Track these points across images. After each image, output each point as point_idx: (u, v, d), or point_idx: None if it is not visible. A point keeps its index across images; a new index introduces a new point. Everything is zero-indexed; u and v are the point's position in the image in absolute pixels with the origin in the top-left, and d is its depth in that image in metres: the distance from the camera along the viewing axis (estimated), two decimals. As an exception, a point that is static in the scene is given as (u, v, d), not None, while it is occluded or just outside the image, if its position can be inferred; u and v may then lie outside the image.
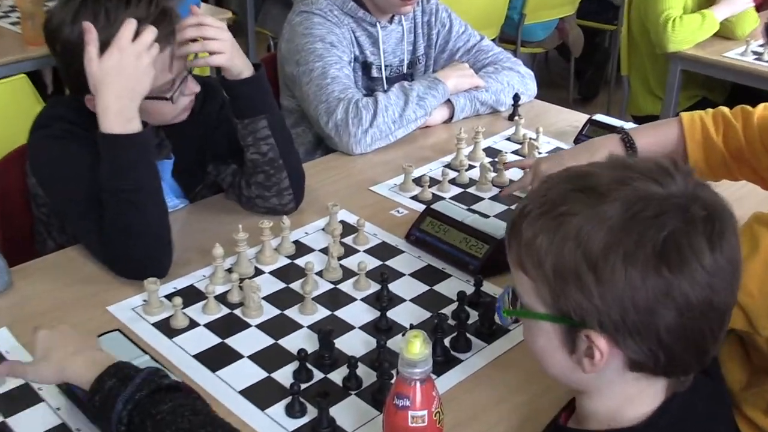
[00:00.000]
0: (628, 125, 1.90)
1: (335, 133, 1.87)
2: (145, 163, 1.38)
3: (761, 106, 1.42)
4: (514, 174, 1.81)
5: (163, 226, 1.41)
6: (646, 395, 0.86)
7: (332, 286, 1.41)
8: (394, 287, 1.40)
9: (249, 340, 1.28)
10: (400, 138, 1.94)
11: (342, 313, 1.34)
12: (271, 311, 1.34)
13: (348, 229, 1.57)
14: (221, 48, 1.43)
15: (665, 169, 0.81)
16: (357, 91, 1.93)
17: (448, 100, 2.04)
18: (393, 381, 1.01)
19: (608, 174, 0.82)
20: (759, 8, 3.10)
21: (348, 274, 1.44)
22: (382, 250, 1.52)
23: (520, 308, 0.88)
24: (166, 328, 1.30)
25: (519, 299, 0.88)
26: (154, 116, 1.47)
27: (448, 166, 1.84)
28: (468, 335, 1.26)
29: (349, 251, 1.52)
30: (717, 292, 0.79)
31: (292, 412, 1.12)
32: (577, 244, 0.79)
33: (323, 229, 1.59)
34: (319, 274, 1.44)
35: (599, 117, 1.97)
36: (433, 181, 1.76)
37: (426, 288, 1.41)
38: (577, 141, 1.94)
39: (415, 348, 0.93)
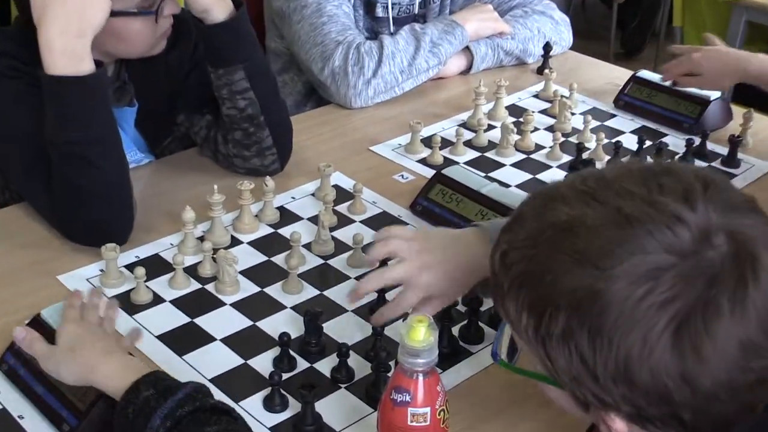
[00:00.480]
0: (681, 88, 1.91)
1: (331, 82, 1.88)
2: (99, 111, 1.37)
3: None
4: (540, 138, 1.82)
5: (122, 184, 1.42)
6: None
7: (322, 261, 1.42)
8: (395, 265, 1.41)
9: (223, 321, 1.29)
10: (407, 91, 1.94)
11: (333, 293, 1.35)
12: (249, 288, 1.36)
13: (342, 195, 1.58)
14: None
15: (675, 217, 0.75)
16: (358, 33, 1.93)
17: (467, 48, 2.04)
18: (390, 374, 1.02)
19: (608, 231, 0.75)
20: None
21: (341, 247, 1.45)
22: (382, 221, 1.53)
23: (519, 360, 0.88)
24: (126, 303, 1.31)
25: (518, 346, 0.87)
26: (131, 42, 1.46)
27: (464, 125, 1.85)
28: (480, 324, 1.27)
29: (343, 221, 1.52)
30: (754, 359, 0.75)
31: (271, 405, 1.14)
32: (569, 345, 0.76)
33: (313, 195, 1.60)
34: (307, 246, 1.45)
35: (645, 74, 1.97)
36: (446, 143, 1.77)
37: (433, 267, 1.42)
38: (617, 101, 1.95)
39: (419, 335, 0.94)
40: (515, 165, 1.73)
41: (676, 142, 1.80)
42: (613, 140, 1.75)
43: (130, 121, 1.62)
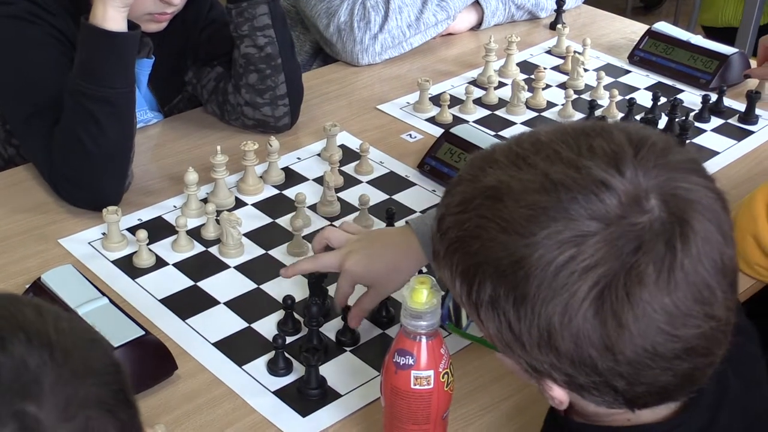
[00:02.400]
0: (697, 38, 1.88)
1: (337, 38, 1.86)
2: (118, 72, 1.37)
3: None
4: (552, 95, 1.79)
5: (121, 153, 1.41)
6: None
7: (327, 222, 1.42)
8: (402, 226, 1.40)
9: (226, 284, 1.29)
10: (415, 47, 1.92)
11: (338, 255, 1.35)
12: (253, 250, 1.36)
13: (349, 155, 1.57)
14: None
15: (601, 182, 0.73)
16: None
17: (477, 3, 2.01)
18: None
19: (532, 197, 0.74)
20: None
21: (347, 208, 1.44)
22: (390, 182, 1.52)
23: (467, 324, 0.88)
24: (128, 266, 1.31)
25: None
26: None
27: (474, 82, 1.83)
28: (488, 286, 1.27)
29: (350, 182, 1.52)
30: (681, 327, 0.73)
31: (275, 369, 1.14)
32: (498, 313, 0.77)
33: (319, 155, 1.59)
34: (312, 208, 1.44)
35: (661, 26, 1.94)
36: (455, 101, 1.75)
37: (440, 228, 1.41)
38: (632, 57, 1.92)
39: (421, 297, 0.94)
40: (526, 123, 1.71)
41: (692, 98, 1.78)
42: (627, 97, 1.73)
43: (146, 73, 1.61)
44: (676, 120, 1.64)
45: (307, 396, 1.11)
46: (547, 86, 1.82)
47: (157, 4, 1.45)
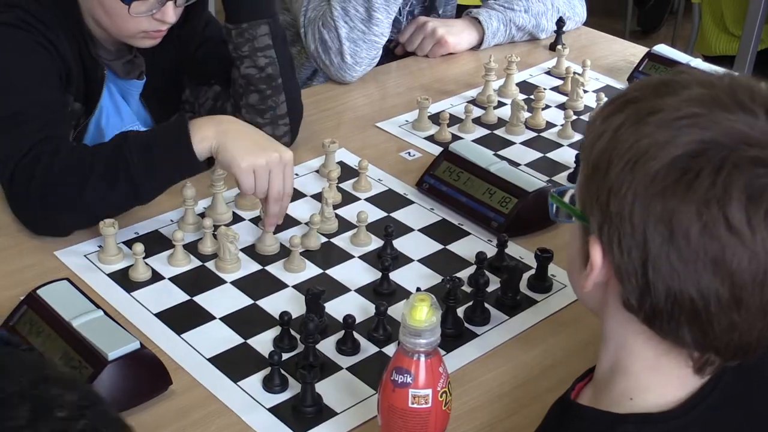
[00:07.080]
0: (696, 62, 1.89)
1: (321, 63, 1.86)
2: (164, 177, 1.36)
3: None
4: (552, 116, 1.79)
5: (98, 213, 1.34)
6: (668, 378, 0.85)
7: (325, 239, 1.42)
8: (400, 244, 1.40)
9: (222, 299, 1.28)
10: (385, 30, 1.86)
11: (336, 272, 1.35)
12: (250, 266, 1.35)
13: (347, 172, 1.57)
14: None
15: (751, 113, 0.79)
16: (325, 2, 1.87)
17: (478, 21, 2.02)
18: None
19: (694, 93, 0.81)
20: None
21: (345, 225, 1.44)
22: (388, 200, 1.52)
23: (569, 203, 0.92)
24: (124, 279, 1.31)
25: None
26: (108, 19, 1.44)
27: (473, 101, 1.83)
28: (486, 305, 1.27)
29: (348, 199, 1.51)
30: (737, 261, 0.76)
31: (270, 385, 1.13)
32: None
33: (317, 171, 1.59)
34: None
35: (661, 49, 1.94)
36: (454, 119, 1.75)
37: (438, 247, 1.41)
38: (631, 79, 1.92)
39: (421, 314, 0.93)
40: (525, 143, 1.71)
41: (691, 121, 1.78)
42: (627, 118, 1.72)
43: (136, 94, 1.61)
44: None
45: (302, 413, 1.10)
46: (547, 107, 1.82)
47: (152, 22, 1.44)
